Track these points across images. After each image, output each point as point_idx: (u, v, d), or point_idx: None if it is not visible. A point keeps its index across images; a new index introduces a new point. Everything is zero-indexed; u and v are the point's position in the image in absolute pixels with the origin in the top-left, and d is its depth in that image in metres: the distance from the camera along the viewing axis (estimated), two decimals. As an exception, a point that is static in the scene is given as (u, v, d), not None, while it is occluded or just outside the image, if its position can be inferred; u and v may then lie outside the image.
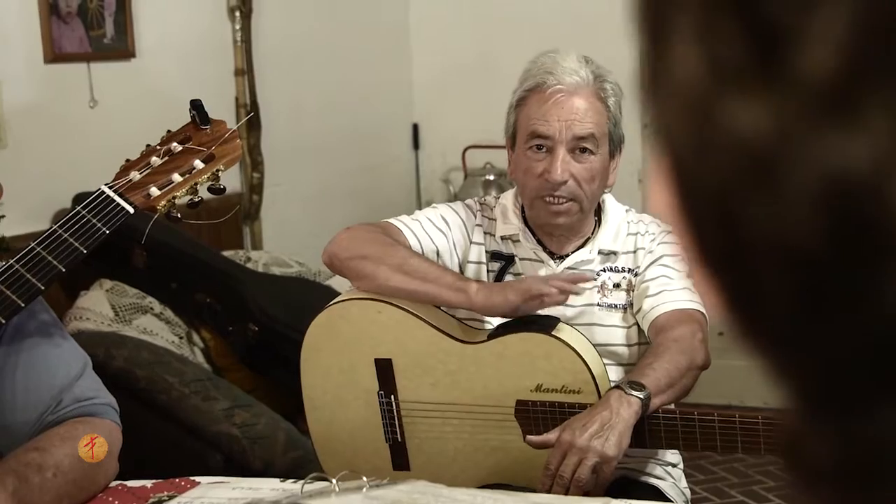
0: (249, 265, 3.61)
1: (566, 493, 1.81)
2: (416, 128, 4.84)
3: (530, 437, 1.92)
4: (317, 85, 4.35)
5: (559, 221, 2.06)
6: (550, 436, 1.87)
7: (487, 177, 4.52)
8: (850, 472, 0.35)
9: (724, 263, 0.35)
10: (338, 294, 3.39)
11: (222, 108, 3.57)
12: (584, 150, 2.03)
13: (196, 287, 3.38)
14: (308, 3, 4.30)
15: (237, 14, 3.98)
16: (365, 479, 1.52)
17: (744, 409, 1.89)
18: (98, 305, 3.26)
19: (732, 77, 0.32)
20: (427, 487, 1.56)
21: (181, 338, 3.35)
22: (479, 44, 4.65)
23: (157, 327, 3.31)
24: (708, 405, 1.94)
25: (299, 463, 2.85)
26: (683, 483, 2.19)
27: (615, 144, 2.09)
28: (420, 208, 2.54)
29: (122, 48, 3.60)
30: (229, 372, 3.35)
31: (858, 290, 0.31)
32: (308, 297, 3.41)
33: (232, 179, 3.98)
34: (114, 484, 1.72)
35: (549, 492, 1.84)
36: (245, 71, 4.01)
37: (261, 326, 3.31)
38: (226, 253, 3.61)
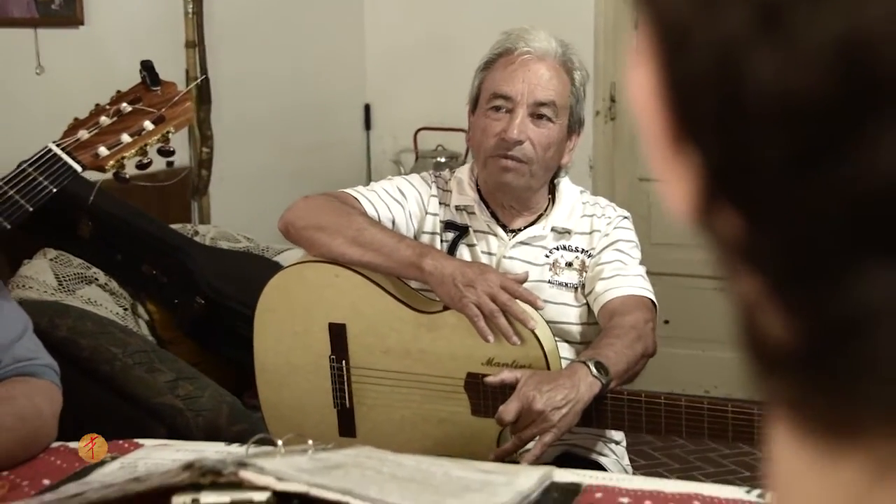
0: (197, 239, 3.57)
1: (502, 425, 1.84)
2: (367, 108, 4.82)
3: (489, 379, 1.91)
4: (269, 61, 4.31)
5: (507, 179, 2.06)
6: (510, 377, 1.87)
7: (439, 159, 4.51)
8: (817, 353, 0.34)
9: (719, 125, 0.34)
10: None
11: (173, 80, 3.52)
12: (542, 115, 2.04)
13: (142, 259, 3.34)
14: (262, -22, 4.26)
15: (190, -15, 3.93)
16: (311, 442, 1.50)
17: (690, 396, 1.90)
18: (41, 274, 3.22)
19: None
20: (373, 452, 1.56)
21: (126, 309, 3.31)
22: (434, 26, 4.64)
23: (101, 298, 3.27)
24: (651, 391, 1.95)
25: (243, 436, 2.80)
26: (626, 461, 2.21)
27: (574, 121, 2.10)
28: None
29: (70, 15, 3.54)
30: (174, 345, 3.32)
31: (856, 142, 0.31)
32: (256, 271, 3.38)
33: (181, 154, 3.93)
34: (56, 444, 1.70)
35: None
36: (196, 43, 3.95)
37: (207, 300, 3.28)
38: (173, 226, 3.57)
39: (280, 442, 1.46)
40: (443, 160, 4.51)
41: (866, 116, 0.31)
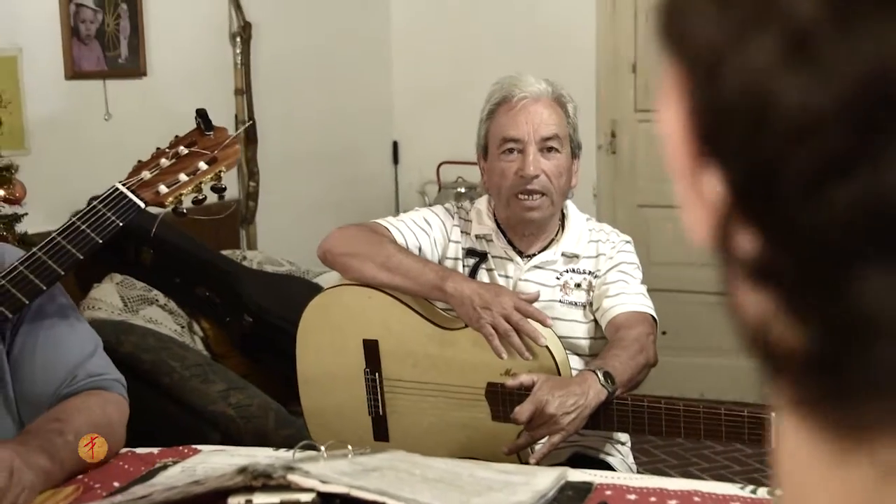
0: (245, 263, 3.58)
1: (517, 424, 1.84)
2: (395, 145, 4.83)
3: (509, 382, 1.90)
4: (308, 105, 4.33)
5: (533, 216, 2.06)
6: (527, 379, 1.86)
7: (459, 189, 4.51)
8: (826, 358, 0.34)
9: (746, 146, 0.34)
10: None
11: (223, 124, 3.54)
12: (550, 149, 2.04)
13: (197, 282, 3.35)
14: (301, 31, 4.29)
15: (238, 39, 3.96)
16: (350, 447, 1.50)
17: (687, 400, 1.89)
18: (109, 297, 3.23)
19: None
20: (405, 456, 1.55)
21: (183, 327, 3.32)
22: (454, 71, 4.65)
23: (161, 317, 3.27)
24: (653, 396, 1.95)
25: (289, 441, 2.79)
26: (630, 459, 2.20)
27: (575, 146, 2.10)
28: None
29: (134, 67, 3.58)
30: (226, 358, 3.33)
31: (872, 159, 0.31)
32: (298, 292, 3.39)
33: (231, 187, 3.94)
34: (124, 451, 1.70)
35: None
36: (244, 90, 3.98)
37: (255, 318, 3.29)
38: (224, 252, 3.58)
39: (323, 448, 1.46)
40: (463, 190, 4.51)
41: (883, 137, 0.31)
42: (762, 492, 1.41)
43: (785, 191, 0.33)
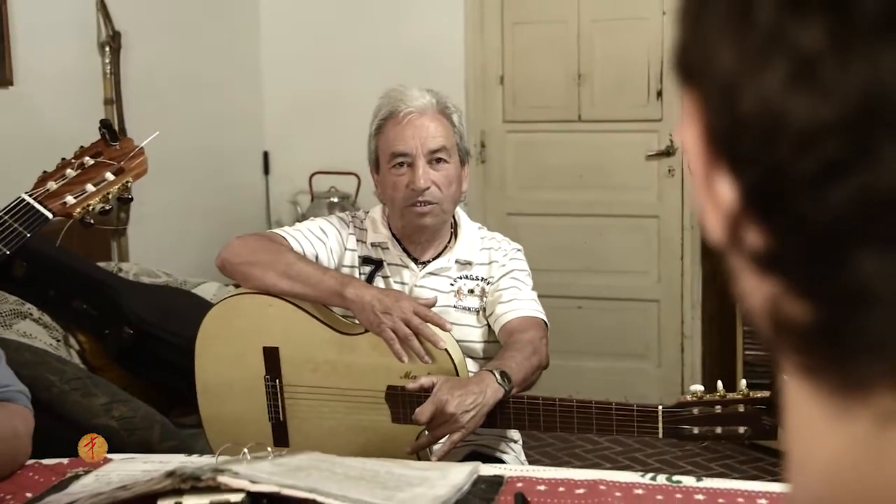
0: (121, 275, 3.54)
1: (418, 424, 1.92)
2: (266, 155, 4.84)
3: (410, 385, 1.97)
4: (178, 115, 4.30)
5: (426, 221, 2.14)
6: (427, 381, 1.93)
7: (332, 199, 4.56)
8: (829, 327, 0.40)
9: (759, 157, 0.40)
10: (204, 300, 3.38)
11: (93, 134, 3.49)
12: (439, 160, 2.12)
13: (73, 295, 3.30)
14: (171, 40, 4.26)
15: (107, 49, 3.91)
16: (270, 449, 1.55)
17: (579, 399, 2.00)
18: (-21, 311, 3.15)
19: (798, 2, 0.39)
20: (323, 456, 1.61)
21: (59, 341, 3.26)
22: (325, 81, 4.69)
23: (35, 331, 3.21)
24: (546, 395, 2.05)
25: (174, 452, 2.81)
26: (523, 457, 2.29)
27: (463, 153, 2.19)
28: (269, 228, 2.57)
29: (0, 76, 3.49)
30: (103, 371, 3.28)
31: (869, 159, 0.38)
32: (177, 302, 3.38)
33: (101, 198, 3.89)
34: (30, 462, 1.70)
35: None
36: (114, 100, 3.93)
37: (135, 329, 3.26)
38: (98, 264, 3.53)
39: (245, 449, 1.50)
40: (336, 200, 4.55)
41: (877, 140, 0.38)
42: (661, 478, 1.52)
43: (791, 191, 0.39)
